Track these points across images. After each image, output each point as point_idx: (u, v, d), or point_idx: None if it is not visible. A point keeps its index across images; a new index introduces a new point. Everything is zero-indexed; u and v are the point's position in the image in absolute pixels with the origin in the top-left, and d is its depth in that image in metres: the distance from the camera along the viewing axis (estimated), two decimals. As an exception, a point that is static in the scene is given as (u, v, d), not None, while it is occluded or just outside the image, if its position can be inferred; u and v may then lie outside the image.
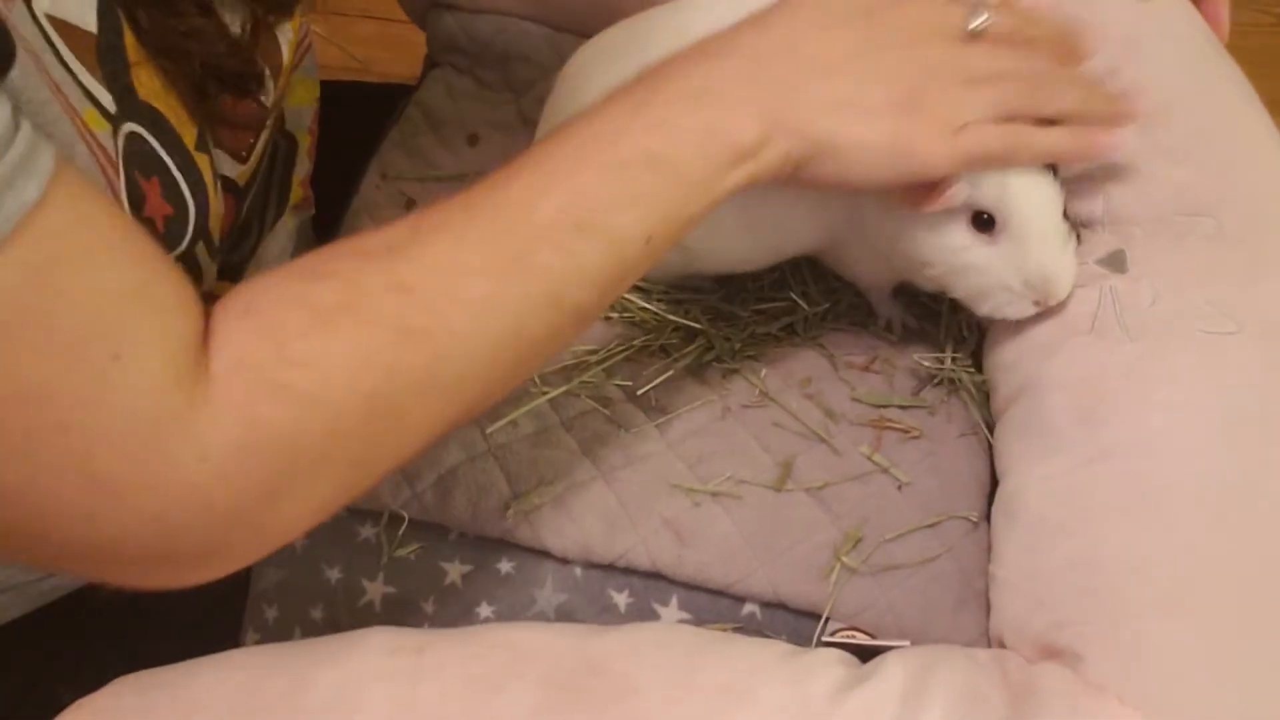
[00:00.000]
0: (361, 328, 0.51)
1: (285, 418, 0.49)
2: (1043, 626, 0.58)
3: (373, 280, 0.52)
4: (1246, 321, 0.64)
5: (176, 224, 0.58)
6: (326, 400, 0.50)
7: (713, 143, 0.57)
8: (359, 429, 0.51)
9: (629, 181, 0.56)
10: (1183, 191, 0.70)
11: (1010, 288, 0.68)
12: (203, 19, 0.58)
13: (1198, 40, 0.80)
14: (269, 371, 0.49)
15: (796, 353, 0.77)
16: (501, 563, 0.67)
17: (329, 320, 0.50)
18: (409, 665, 0.54)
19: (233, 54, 0.60)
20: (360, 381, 0.50)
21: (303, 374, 0.49)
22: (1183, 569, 0.57)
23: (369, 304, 0.51)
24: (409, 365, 0.52)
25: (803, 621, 0.65)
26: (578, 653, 0.55)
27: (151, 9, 0.56)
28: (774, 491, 0.68)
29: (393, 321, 0.51)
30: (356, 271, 0.52)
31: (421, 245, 0.53)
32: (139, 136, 0.56)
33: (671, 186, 0.57)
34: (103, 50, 0.54)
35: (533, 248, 0.54)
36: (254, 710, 0.53)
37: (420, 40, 1.00)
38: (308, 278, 0.52)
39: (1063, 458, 0.63)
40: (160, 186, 0.57)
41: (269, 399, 0.49)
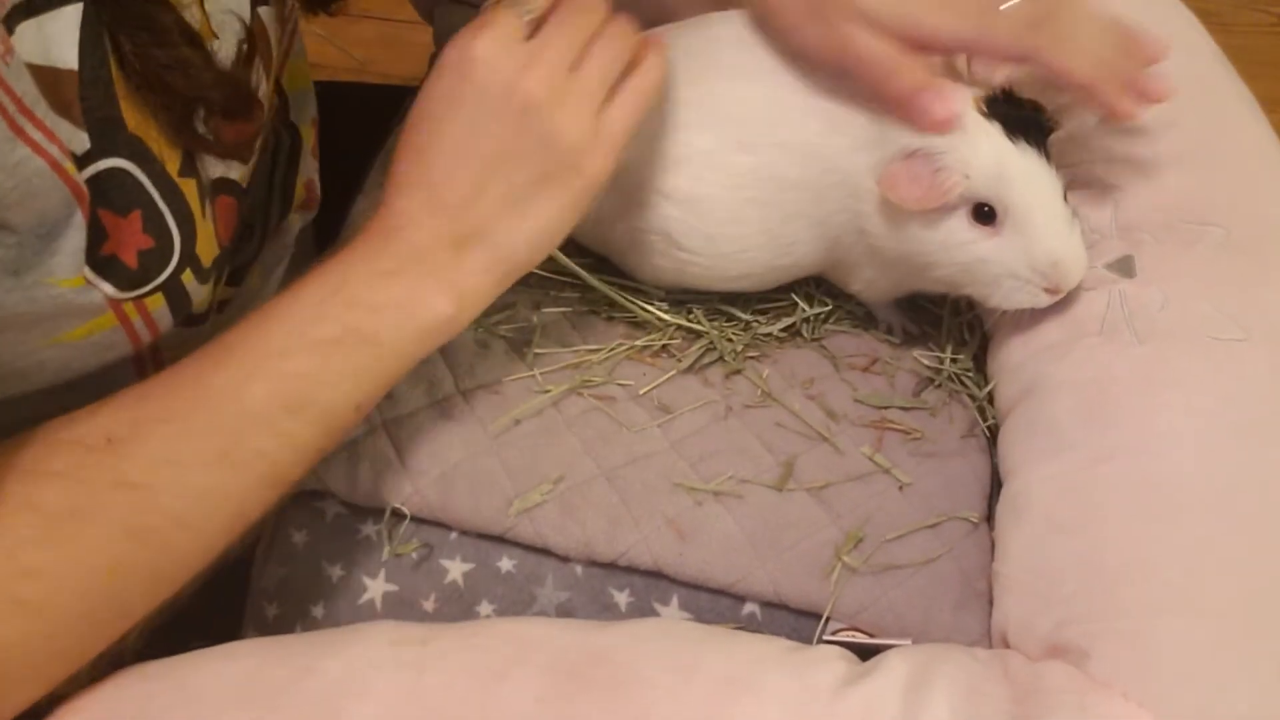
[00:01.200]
0: (90, 529, 0.53)
1: (14, 629, 0.51)
2: (1049, 625, 0.59)
3: (99, 477, 0.54)
4: (1254, 328, 0.64)
5: (156, 255, 0.59)
6: (52, 606, 0.52)
7: (412, 316, 0.61)
8: (79, 627, 0.54)
9: (337, 359, 0.59)
10: (1191, 199, 0.70)
11: (1019, 275, 0.68)
12: (190, 49, 0.58)
13: (1204, 52, 0.81)
14: (3, 585, 0.51)
15: (798, 354, 0.77)
16: (502, 561, 0.67)
17: (59, 524, 0.52)
18: (413, 655, 0.54)
19: (220, 84, 0.60)
20: (89, 584, 0.53)
21: (34, 585, 0.51)
22: (1189, 568, 0.57)
23: (96, 504, 0.53)
24: (136, 562, 0.54)
25: (803, 621, 0.65)
26: (581, 644, 0.56)
27: (137, 39, 0.56)
28: (776, 491, 0.68)
29: (121, 521, 0.54)
30: (79, 468, 0.54)
31: (142, 440, 0.55)
32: (120, 171, 0.56)
33: (380, 358, 0.60)
34: (86, 84, 0.53)
35: (248, 434, 0.57)
36: (257, 699, 0.53)
37: (421, 40, 1.00)
38: (32, 477, 0.53)
39: (1070, 457, 0.63)
40: (142, 220, 0.57)
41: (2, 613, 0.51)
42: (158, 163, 0.58)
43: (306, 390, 0.58)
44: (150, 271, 0.59)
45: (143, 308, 0.59)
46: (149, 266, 0.58)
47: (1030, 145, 0.67)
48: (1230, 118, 0.77)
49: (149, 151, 0.57)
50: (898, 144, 0.68)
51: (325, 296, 0.59)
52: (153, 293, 0.59)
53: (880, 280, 0.76)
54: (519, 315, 0.78)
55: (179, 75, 0.57)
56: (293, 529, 0.69)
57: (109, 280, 0.57)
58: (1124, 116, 0.68)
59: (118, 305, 0.58)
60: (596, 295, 0.79)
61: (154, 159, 0.58)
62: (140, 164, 0.57)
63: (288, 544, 0.69)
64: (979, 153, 0.66)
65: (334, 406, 0.59)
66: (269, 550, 0.70)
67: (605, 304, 0.79)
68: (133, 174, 0.56)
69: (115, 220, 0.56)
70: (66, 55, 0.52)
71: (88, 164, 0.54)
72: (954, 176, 0.66)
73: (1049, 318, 0.70)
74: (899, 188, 0.67)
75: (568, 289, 0.80)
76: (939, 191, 0.66)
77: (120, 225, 0.56)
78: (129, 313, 0.59)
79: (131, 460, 0.54)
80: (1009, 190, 0.66)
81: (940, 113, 0.66)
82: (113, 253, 0.57)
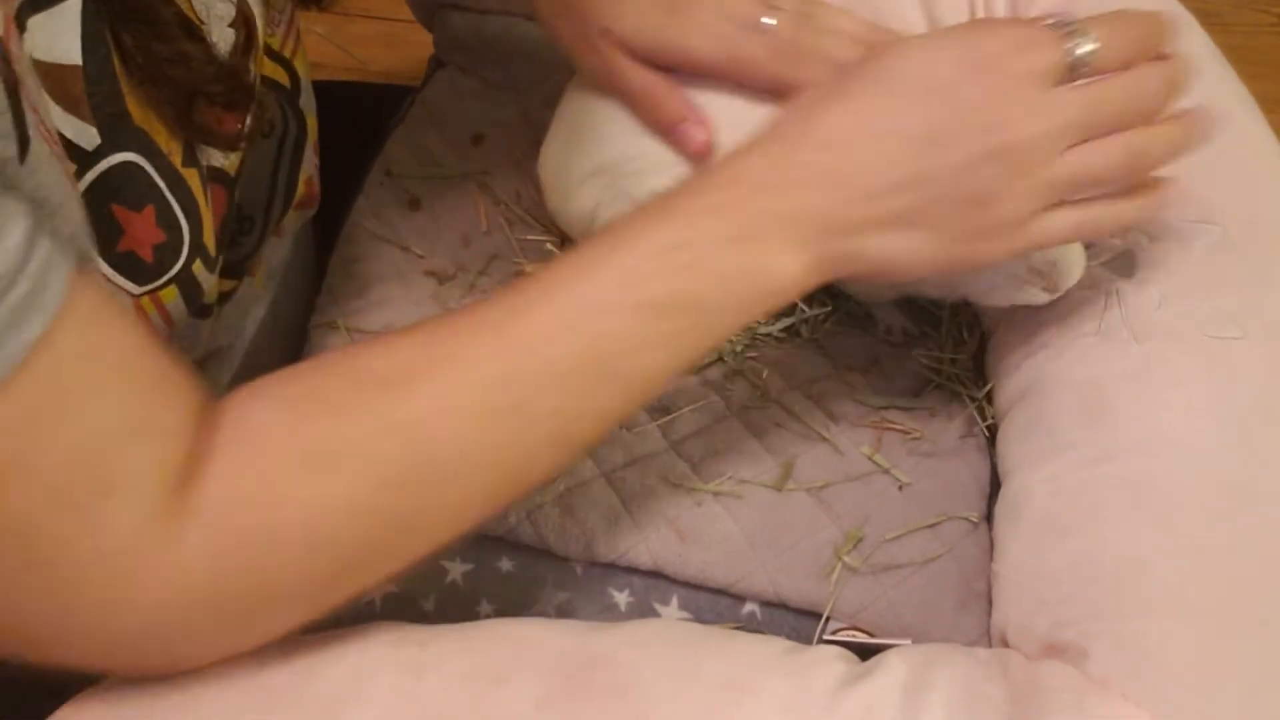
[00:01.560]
0: (353, 473, 0.50)
1: (265, 556, 0.49)
2: (1047, 624, 0.59)
3: (368, 419, 0.50)
4: (1252, 328, 0.64)
5: (169, 249, 0.57)
6: (307, 543, 0.50)
7: (747, 286, 0.56)
8: (333, 568, 0.51)
9: (656, 324, 0.54)
10: (1189, 198, 0.70)
11: (1018, 276, 0.68)
12: (190, 43, 0.56)
13: (1203, 53, 0.81)
14: (255, 512, 0.49)
15: (798, 354, 0.77)
16: (502, 561, 0.67)
17: (320, 462, 0.50)
18: (413, 657, 0.54)
19: (220, 76, 0.59)
20: (345, 525, 0.50)
21: (288, 516, 0.49)
22: (1188, 568, 0.57)
23: (362, 447, 0.50)
24: (398, 510, 0.51)
25: (803, 621, 0.66)
26: (581, 646, 0.56)
27: (137, 32, 0.55)
28: (775, 491, 0.68)
29: (386, 467, 0.50)
30: (357, 406, 0.51)
31: (428, 380, 0.51)
32: (132, 166, 0.55)
33: (699, 327, 0.55)
34: (92, 78, 0.52)
35: (545, 391, 0.52)
36: (257, 701, 0.53)
37: (420, 40, 1.00)
38: (302, 410, 0.51)
39: (1068, 457, 0.63)
40: (155, 213, 0.56)
41: (251, 538, 0.49)
42: (163, 155, 0.57)
43: (619, 353, 0.53)
44: (164, 265, 0.57)
45: (158, 301, 0.58)
46: (163, 260, 0.57)
47: None
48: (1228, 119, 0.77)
49: (155, 144, 0.56)
50: None
51: (663, 251, 0.54)
52: (166, 285, 0.58)
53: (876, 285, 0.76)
54: (519, 315, 0.78)
55: (180, 68, 0.56)
56: (293, 529, 0.69)
57: (128, 277, 0.56)
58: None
59: (136, 303, 0.57)
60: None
61: (160, 152, 0.57)
62: (149, 157, 0.56)
63: (288, 544, 0.69)
64: None
65: (645, 373, 0.54)
66: (269, 550, 0.70)
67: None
68: (143, 168, 0.55)
69: (129, 216, 0.55)
70: (70, 50, 0.51)
71: (99, 160, 0.53)
72: None
73: (1047, 318, 0.70)
74: None
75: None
76: None
77: (134, 220, 0.55)
78: (145, 307, 0.58)
79: (407, 404, 0.51)
80: None
81: (698, 139, 0.69)
82: (130, 249, 0.56)
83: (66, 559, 0.46)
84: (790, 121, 0.59)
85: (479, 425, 0.51)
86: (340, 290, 0.78)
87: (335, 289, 0.78)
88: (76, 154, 0.52)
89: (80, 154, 0.52)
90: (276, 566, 0.50)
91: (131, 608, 0.48)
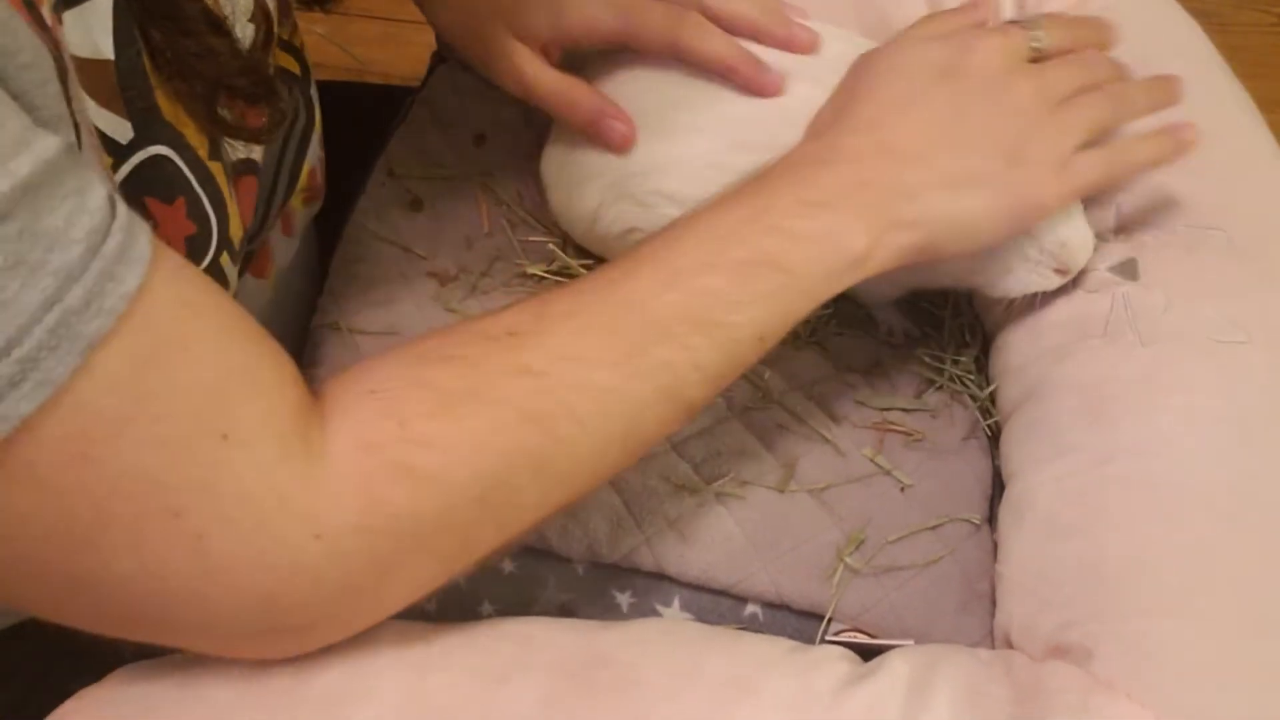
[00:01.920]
0: (485, 409, 0.52)
1: (404, 497, 0.50)
2: (1051, 625, 0.59)
3: (497, 363, 0.53)
4: (1257, 332, 0.65)
5: (199, 241, 0.58)
6: (445, 480, 0.51)
7: (829, 250, 0.60)
8: (473, 509, 0.52)
9: (749, 282, 0.58)
10: (1193, 204, 0.71)
11: (1028, 258, 0.68)
12: (216, 38, 0.58)
13: (1205, 58, 0.81)
14: (391, 451, 0.50)
15: (800, 356, 0.77)
16: (504, 562, 0.67)
17: (454, 402, 0.51)
18: (416, 656, 0.54)
19: (245, 71, 0.60)
20: (481, 463, 0.51)
21: (425, 454, 0.50)
22: (1192, 569, 0.57)
23: (493, 386, 0.52)
24: (528, 449, 0.53)
25: (805, 622, 0.65)
26: (584, 645, 0.56)
27: (164, 28, 0.55)
28: (777, 492, 0.68)
29: (516, 404, 0.52)
30: (481, 355, 0.53)
31: (546, 332, 0.54)
32: (163, 159, 0.55)
33: (788, 288, 0.59)
34: (124, 73, 0.53)
35: (654, 343, 0.55)
36: (259, 701, 0.53)
37: (420, 40, 1.00)
38: (432, 360, 0.53)
39: (1073, 459, 0.63)
40: (186, 205, 0.57)
41: (389, 479, 0.49)
42: (192, 149, 0.57)
43: (716, 308, 0.57)
44: (194, 258, 0.57)
45: None
46: (193, 253, 0.57)
47: None
48: (1230, 123, 0.77)
49: (183, 138, 0.57)
50: None
51: (747, 218, 0.59)
52: None
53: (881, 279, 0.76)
54: (521, 316, 0.77)
55: (207, 62, 0.57)
56: (294, 529, 0.69)
57: None
58: (765, 93, 0.71)
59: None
60: (598, 296, 0.79)
61: (189, 145, 0.57)
62: (178, 150, 0.56)
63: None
64: None
65: (740, 331, 0.58)
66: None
67: (606, 305, 0.79)
68: (174, 161, 0.56)
69: (163, 209, 0.55)
70: (103, 45, 0.52)
71: (132, 153, 0.54)
72: None
73: (1052, 320, 0.70)
74: None
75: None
76: None
77: (167, 214, 0.55)
78: None
79: (532, 350, 0.54)
80: None
81: (621, 131, 0.72)
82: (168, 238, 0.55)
83: (194, 510, 0.45)
84: (825, 119, 0.65)
85: (598, 373, 0.54)
86: (342, 291, 0.78)
87: (337, 290, 0.78)
88: (112, 147, 0.53)
89: (115, 147, 0.53)
90: (419, 512, 0.50)
91: (265, 562, 0.47)
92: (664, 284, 0.57)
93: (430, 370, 0.53)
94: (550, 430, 0.53)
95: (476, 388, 0.52)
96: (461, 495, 0.51)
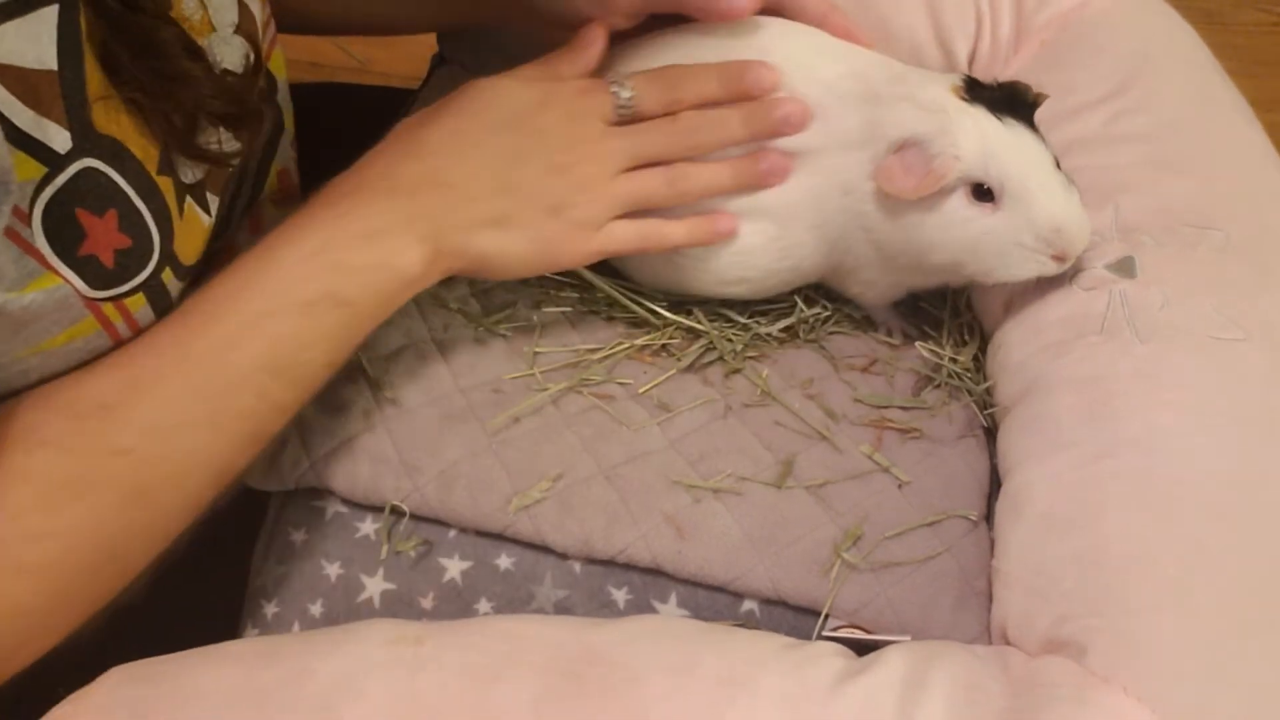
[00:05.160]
0: (88, 497, 0.56)
1: (24, 590, 0.55)
2: (1048, 620, 0.58)
3: (91, 445, 0.57)
4: (1254, 330, 0.65)
5: (134, 254, 0.59)
6: (60, 568, 0.56)
7: (385, 278, 0.64)
8: (87, 586, 0.57)
9: (316, 322, 0.62)
10: (1191, 203, 0.71)
11: (1025, 245, 0.68)
12: (190, 62, 0.59)
13: (1203, 61, 0.81)
14: (9, 549, 0.54)
15: (798, 354, 0.77)
16: (501, 559, 0.67)
17: (59, 493, 0.56)
18: (409, 655, 0.54)
19: (220, 95, 0.61)
20: (91, 546, 0.56)
21: (40, 548, 0.55)
22: (1188, 564, 0.57)
23: (91, 471, 0.56)
24: (133, 525, 0.58)
25: (802, 618, 0.65)
26: (578, 643, 0.55)
27: (136, 51, 0.57)
28: (775, 489, 0.68)
29: (116, 487, 0.57)
30: (74, 438, 0.56)
31: (133, 404, 0.58)
32: (95, 171, 0.56)
33: (352, 319, 0.63)
34: (67, 84, 0.54)
35: (236, 396, 0.60)
36: (251, 700, 0.53)
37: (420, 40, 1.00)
38: (31, 446, 0.56)
39: (1070, 454, 0.63)
40: (118, 218, 0.58)
41: (9, 576, 0.54)
42: (135, 161, 0.58)
43: (289, 352, 0.61)
44: (128, 271, 0.59)
45: (124, 309, 0.59)
46: (126, 266, 0.59)
47: (1017, 121, 0.68)
48: (1227, 124, 0.78)
49: (126, 150, 0.58)
50: (887, 139, 0.68)
51: (308, 255, 0.62)
52: (133, 293, 0.59)
53: (880, 281, 0.76)
54: (519, 314, 0.78)
55: (180, 86, 0.59)
56: (291, 527, 0.69)
57: (87, 281, 0.57)
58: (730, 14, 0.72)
59: (97, 308, 0.58)
60: (596, 295, 0.79)
61: (131, 158, 0.58)
62: (114, 164, 0.57)
63: (286, 542, 0.69)
64: (967, 135, 0.67)
65: (313, 366, 0.62)
66: (268, 548, 0.70)
67: (605, 304, 0.79)
68: (107, 174, 0.57)
69: (92, 220, 0.56)
70: (46, 56, 0.53)
71: (68, 164, 0.55)
72: (947, 161, 0.66)
73: (1050, 317, 0.70)
74: (895, 180, 0.68)
75: (567, 289, 0.80)
76: (935, 178, 0.67)
77: (97, 225, 0.57)
78: (110, 315, 0.59)
79: (122, 428, 0.57)
80: (1002, 165, 0.67)
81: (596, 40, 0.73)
82: (91, 253, 0.57)
83: None
84: (395, 140, 0.69)
85: (187, 437, 0.59)
86: (340, 289, 0.78)
87: (335, 288, 0.78)
88: (48, 156, 0.54)
89: (53, 157, 0.54)
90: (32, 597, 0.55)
91: None
92: (239, 334, 0.60)
93: (28, 460, 0.55)
94: (151, 503, 0.58)
95: (75, 476, 0.56)
96: (73, 578, 0.56)
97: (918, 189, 0.67)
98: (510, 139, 0.68)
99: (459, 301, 0.78)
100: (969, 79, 0.70)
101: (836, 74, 0.72)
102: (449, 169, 0.67)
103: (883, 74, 0.72)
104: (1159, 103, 0.77)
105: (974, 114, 0.68)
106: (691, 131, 0.71)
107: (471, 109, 0.69)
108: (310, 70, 0.78)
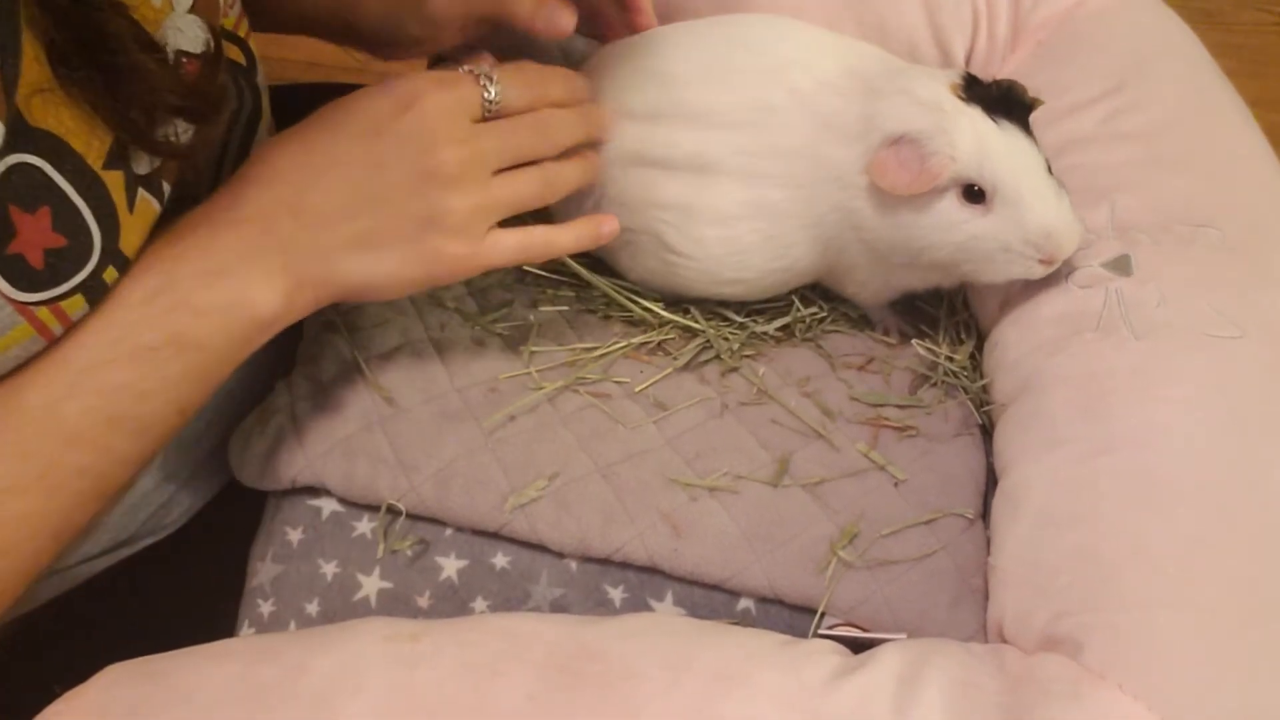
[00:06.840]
0: None
1: None
2: (1044, 617, 0.58)
3: None
4: (1249, 327, 0.65)
5: (70, 255, 0.55)
6: None
7: (236, 319, 0.60)
8: None
9: (158, 368, 0.58)
10: (1186, 201, 0.71)
11: (1013, 249, 0.69)
12: (143, 54, 0.55)
13: (1199, 60, 0.82)
14: None
15: (794, 353, 0.77)
16: (497, 557, 0.67)
17: None
18: (406, 651, 0.54)
19: (176, 89, 0.58)
20: None
21: None
22: (1184, 560, 0.57)
23: None
24: None
25: (798, 616, 0.65)
26: (574, 639, 0.55)
27: (81, 43, 0.53)
28: (771, 487, 0.68)
29: None
30: None
31: None
32: (29, 167, 0.53)
33: (204, 364, 0.59)
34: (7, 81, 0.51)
35: (68, 453, 0.56)
36: (248, 697, 0.53)
37: (420, 41, 1.00)
38: None
39: (1066, 451, 0.63)
40: (51, 216, 0.54)
41: None
42: (76, 156, 0.55)
43: (126, 403, 0.57)
44: (60, 272, 0.55)
45: (60, 312, 0.56)
46: (58, 267, 0.55)
47: (1012, 123, 0.68)
48: (1223, 123, 0.78)
49: (65, 145, 0.54)
50: (882, 132, 0.68)
51: (148, 297, 0.58)
52: (70, 294, 0.56)
53: (874, 281, 0.76)
54: (515, 313, 0.78)
55: (134, 79, 0.55)
56: (288, 526, 0.69)
57: (12, 283, 0.54)
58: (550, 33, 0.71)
59: (30, 312, 0.55)
60: (593, 294, 0.79)
61: (71, 153, 0.55)
62: (50, 159, 0.54)
63: (283, 541, 0.69)
64: (962, 135, 0.67)
65: (156, 415, 0.58)
66: (264, 547, 0.70)
67: (602, 303, 0.79)
68: (41, 169, 0.53)
69: (23, 218, 0.53)
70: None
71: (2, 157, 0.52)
72: (943, 161, 0.66)
73: (1047, 315, 0.70)
74: (889, 174, 0.68)
75: (564, 288, 0.80)
76: (929, 175, 0.67)
77: (28, 222, 0.53)
78: (46, 320, 0.56)
79: None
80: (995, 168, 0.67)
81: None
82: (18, 252, 0.54)
83: None
84: (246, 167, 0.63)
85: (15, 502, 0.55)
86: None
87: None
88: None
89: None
90: None
91: None
92: (68, 388, 0.56)
93: None
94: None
95: None
96: None
97: (911, 186, 0.67)
98: (370, 148, 0.63)
99: (455, 300, 0.78)
100: (968, 76, 0.70)
101: (834, 69, 0.72)
102: (302, 192, 0.62)
103: (880, 68, 0.72)
104: (1155, 101, 0.77)
105: (970, 114, 0.68)
106: (556, 130, 0.68)
107: (329, 124, 0.64)
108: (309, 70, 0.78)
